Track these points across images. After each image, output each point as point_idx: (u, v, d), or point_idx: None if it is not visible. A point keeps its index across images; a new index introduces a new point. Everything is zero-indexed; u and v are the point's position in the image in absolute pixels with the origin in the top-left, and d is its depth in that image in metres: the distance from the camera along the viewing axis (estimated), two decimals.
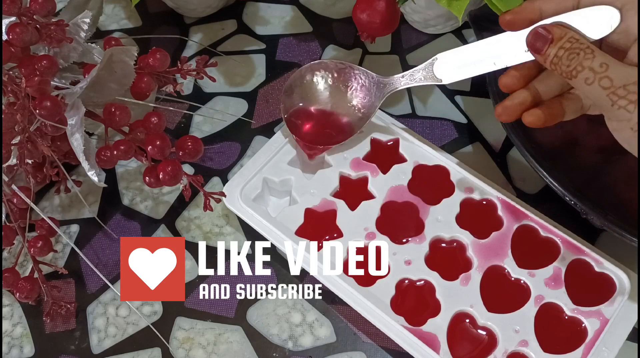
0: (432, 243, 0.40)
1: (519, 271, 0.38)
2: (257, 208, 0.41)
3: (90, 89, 0.40)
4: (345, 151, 0.43)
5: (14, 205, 0.40)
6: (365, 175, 0.42)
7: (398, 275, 0.38)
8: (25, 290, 0.39)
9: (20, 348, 0.40)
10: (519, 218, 0.40)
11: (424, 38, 0.54)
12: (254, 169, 0.42)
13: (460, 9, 0.40)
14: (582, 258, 0.38)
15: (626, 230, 0.36)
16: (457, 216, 0.40)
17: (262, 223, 0.40)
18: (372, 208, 0.41)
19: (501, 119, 0.34)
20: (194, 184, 0.39)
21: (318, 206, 0.41)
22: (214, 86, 0.51)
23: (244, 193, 0.41)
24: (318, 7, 0.57)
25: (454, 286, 0.38)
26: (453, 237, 0.40)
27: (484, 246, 0.39)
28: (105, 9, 0.57)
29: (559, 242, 0.39)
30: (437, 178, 0.42)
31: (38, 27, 0.39)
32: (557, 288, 0.37)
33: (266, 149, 0.43)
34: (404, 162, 0.43)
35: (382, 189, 0.41)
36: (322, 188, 0.42)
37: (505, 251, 0.39)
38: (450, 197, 0.41)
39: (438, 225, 0.40)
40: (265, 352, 0.39)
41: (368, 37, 0.44)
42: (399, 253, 0.39)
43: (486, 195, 0.41)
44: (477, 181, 0.41)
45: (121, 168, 0.47)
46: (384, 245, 0.39)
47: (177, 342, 0.39)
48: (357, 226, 0.40)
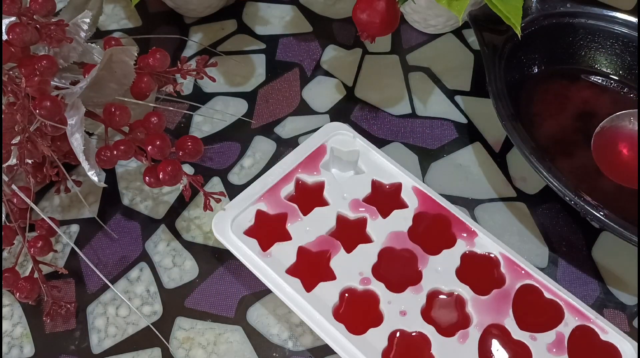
0: (430, 295, 0.37)
1: (520, 334, 0.36)
2: (248, 241, 0.39)
3: (90, 89, 0.40)
4: (344, 190, 0.42)
5: (14, 205, 0.40)
6: (364, 217, 0.40)
7: (392, 325, 0.36)
8: (25, 290, 0.39)
9: (20, 348, 0.40)
10: (521, 277, 0.38)
11: (424, 38, 0.54)
12: (248, 200, 0.40)
13: (460, 9, 0.40)
14: (586, 325, 0.36)
15: (626, 229, 0.36)
16: (458, 269, 0.38)
17: (251, 259, 0.38)
18: (369, 252, 0.39)
19: None
20: (194, 184, 0.39)
21: (312, 244, 0.39)
22: (214, 86, 0.51)
23: (236, 223, 0.39)
24: (318, 7, 0.57)
25: (451, 343, 0.36)
26: (452, 290, 0.38)
27: (484, 303, 0.37)
28: (105, 9, 0.57)
29: (563, 306, 0.37)
30: (438, 227, 0.40)
31: (38, 27, 0.39)
32: (559, 355, 0.35)
33: (263, 181, 0.42)
34: (405, 208, 0.41)
35: (381, 234, 0.40)
36: (318, 226, 0.40)
37: (507, 310, 0.37)
38: (451, 248, 0.39)
39: (437, 276, 0.38)
40: (265, 352, 0.39)
41: (368, 37, 0.44)
42: (394, 302, 0.37)
43: (488, 250, 0.39)
44: (481, 234, 0.39)
45: (121, 168, 0.47)
46: (379, 292, 0.37)
47: (177, 342, 0.39)
48: (352, 269, 0.38)
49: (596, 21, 0.47)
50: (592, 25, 0.48)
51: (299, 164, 0.42)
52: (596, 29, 0.48)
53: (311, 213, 0.41)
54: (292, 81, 0.52)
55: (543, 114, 0.46)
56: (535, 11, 0.47)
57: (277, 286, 0.37)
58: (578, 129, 0.45)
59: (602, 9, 0.48)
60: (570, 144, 0.44)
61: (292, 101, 0.51)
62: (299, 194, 0.42)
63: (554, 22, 0.48)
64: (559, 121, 0.46)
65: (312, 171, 0.42)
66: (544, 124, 0.45)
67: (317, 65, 0.53)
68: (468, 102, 0.50)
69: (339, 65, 0.53)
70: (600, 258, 0.42)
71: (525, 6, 0.43)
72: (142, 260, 0.43)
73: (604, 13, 0.47)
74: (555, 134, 0.45)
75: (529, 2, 0.47)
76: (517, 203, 0.44)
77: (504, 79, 0.44)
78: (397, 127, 0.49)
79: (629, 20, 0.47)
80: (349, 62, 0.53)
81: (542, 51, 0.48)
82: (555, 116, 0.46)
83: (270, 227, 0.40)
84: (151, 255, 0.43)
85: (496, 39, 0.46)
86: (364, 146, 0.43)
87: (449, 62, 0.53)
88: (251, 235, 0.39)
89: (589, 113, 0.46)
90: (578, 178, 0.42)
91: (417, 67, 0.52)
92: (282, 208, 0.41)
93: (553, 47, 0.48)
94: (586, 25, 0.48)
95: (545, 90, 0.47)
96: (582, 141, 0.44)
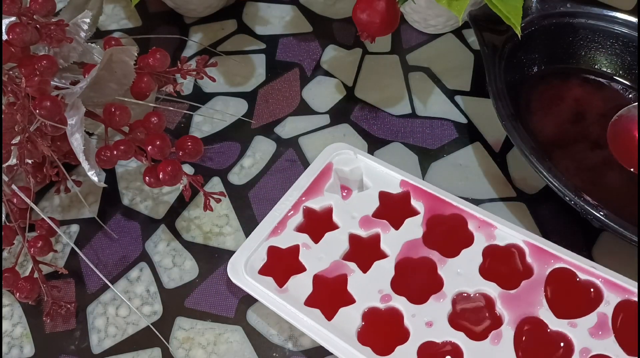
0: (455, 299, 0.36)
1: (558, 322, 0.34)
2: (263, 280, 0.38)
3: (90, 89, 0.40)
4: (353, 209, 0.41)
5: (14, 205, 0.40)
6: (377, 232, 0.39)
7: (419, 339, 0.34)
8: (25, 290, 0.39)
9: (20, 348, 0.40)
10: (550, 262, 0.36)
11: (424, 38, 0.54)
12: (259, 238, 0.39)
13: (460, 9, 0.40)
14: (630, 300, 0.34)
15: (626, 229, 0.36)
16: (481, 267, 0.37)
17: (269, 296, 0.37)
18: (385, 267, 0.38)
19: None
20: (194, 184, 0.39)
21: (327, 270, 0.38)
22: (214, 86, 0.51)
23: (249, 265, 0.38)
24: (318, 7, 0.57)
25: (484, 346, 0.34)
26: (477, 290, 0.36)
27: (514, 297, 0.35)
28: (105, 9, 0.57)
29: (600, 284, 0.35)
30: (453, 227, 0.39)
31: (38, 27, 0.39)
32: (604, 338, 0.33)
33: (271, 217, 0.41)
34: (416, 214, 0.40)
35: (396, 246, 0.38)
36: (331, 251, 0.39)
37: (539, 300, 0.35)
38: (470, 247, 0.37)
39: (459, 278, 0.36)
40: (265, 352, 0.39)
41: (368, 37, 0.44)
42: (418, 315, 0.35)
43: (511, 240, 0.37)
44: (500, 226, 0.38)
45: (121, 168, 0.47)
46: (402, 306, 0.36)
47: (177, 342, 0.39)
48: (370, 289, 0.37)
49: (596, 21, 0.47)
50: (592, 25, 0.48)
51: (304, 192, 0.41)
52: (596, 29, 0.48)
53: (322, 240, 0.39)
54: (292, 81, 0.52)
55: (543, 114, 0.46)
56: (535, 11, 0.47)
57: (298, 320, 0.36)
58: (578, 128, 0.45)
59: (602, 9, 0.48)
60: (570, 144, 0.44)
61: (292, 101, 0.51)
62: (308, 222, 0.41)
63: (554, 22, 0.48)
64: (559, 121, 0.46)
65: (318, 196, 0.41)
66: (544, 123, 0.45)
67: (317, 65, 0.53)
68: (468, 102, 0.50)
69: (339, 65, 0.53)
70: (600, 258, 0.42)
71: (525, 6, 0.43)
72: (142, 260, 0.43)
73: (604, 13, 0.47)
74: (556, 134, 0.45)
75: (529, 2, 0.47)
76: (517, 203, 0.44)
77: (504, 79, 0.44)
78: (397, 127, 0.49)
79: (629, 20, 0.47)
80: (349, 62, 0.53)
81: (542, 51, 0.48)
82: (555, 116, 0.46)
83: (284, 261, 0.39)
84: (151, 255, 0.43)
85: (496, 39, 0.46)
86: (366, 161, 0.42)
87: (449, 62, 0.53)
88: (266, 273, 0.38)
89: (589, 113, 0.46)
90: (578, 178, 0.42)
91: (417, 67, 0.52)
92: (293, 240, 0.40)
93: (553, 47, 0.48)
94: (586, 25, 0.48)
95: (545, 90, 0.47)
96: (582, 141, 0.44)
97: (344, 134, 0.48)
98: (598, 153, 0.44)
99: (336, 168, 0.42)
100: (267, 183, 0.46)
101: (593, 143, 0.44)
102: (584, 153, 0.44)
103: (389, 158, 0.47)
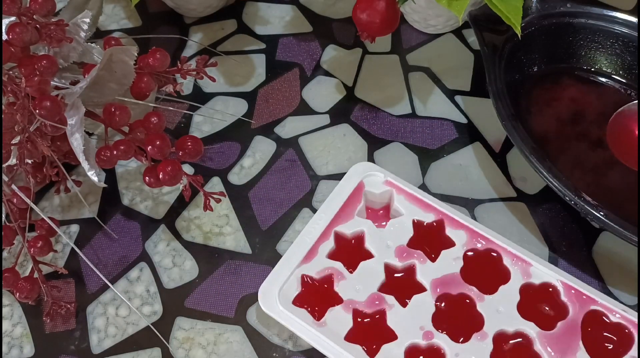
0: (496, 338, 0.35)
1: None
2: (299, 312, 0.36)
3: (90, 89, 0.40)
4: (387, 237, 0.39)
5: (14, 205, 0.40)
6: (413, 264, 0.38)
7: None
8: (25, 290, 0.39)
9: (20, 348, 0.40)
10: (585, 303, 0.36)
11: (424, 38, 0.54)
12: (291, 266, 0.38)
13: (460, 9, 0.40)
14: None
15: (626, 229, 0.36)
16: (519, 305, 0.36)
17: (307, 330, 0.36)
18: (425, 301, 0.37)
19: None
20: (194, 184, 0.39)
21: (365, 304, 0.37)
22: (214, 86, 0.51)
23: (283, 294, 0.37)
24: (318, 7, 0.57)
25: None
26: (518, 330, 0.35)
27: (552, 338, 0.35)
28: (105, 9, 0.57)
29: (631, 328, 0.35)
30: (490, 262, 0.38)
31: (38, 27, 0.39)
32: None
33: (301, 242, 0.39)
34: (452, 246, 0.39)
35: (433, 280, 0.38)
36: (367, 282, 0.38)
37: (577, 342, 0.35)
38: (507, 284, 0.37)
39: (499, 317, 0.36)
40: (265, 352, 0.39)
41: (368, 37, 0.44)
42: (461, 354, 0.35)
43: (546, 279, 0.37)
44: (535, 263, 0.38)
45: (121, 168, 0.47)
46: (444, 345, 0.35)
47: (177, 342, 0.39)
48: (411, 325, 0.36)
49: (596, 21, 0.47)
50: (592, 25, 0.48)
51: (334, 216, 0.40)
52: (596, 29, 0.48)
53: (358, 269, 0.38)
54: (292, 80, 0.52)
55: (543, 114, 0.46)
56: (535, 11, 0.47)
57: (339, 356, 0.35)
58: (578, 128, 0.45)
59: (602, 9, 0.48)
60: (570, 144, 0.44)
61: (292, 101, 0.51)
62: (340, 249, 0.40)
63: (554, 22, 0.48)
64: (559, 121, 0.46)
65: (348, 220, 0.40)
66: (544, 123, 0.45)
67: (317, 65, 0.53)
68: (468, 102, 0.50)
69: (339, 65, 0.53)
70: (600, 258, 0.42)
71: (525, 6, 0.43)
72: (142, 260, 0.43)
73: (604, 13, 0.47)
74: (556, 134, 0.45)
75: (529, 2, 0.47)
76: (517, 203, 0.44)
77: (504, 79, 0.44)
78: (397, 127, 0.49)
79: (629, 20, 0.47)
80: (349, 62, 0.53)
81: (542, 51, 0.48)
82: (555, 116, 0.46)
83: (319, 292, 0.38)
84: (151, 255, 0.43)
85: (496, 39, 0.46)
86: (397, 185, 0.41)
87: (449, 62, 0.53)
88: (300, 303, 0.37)
89: (589, 113, 0.46)
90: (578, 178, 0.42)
91: (417, 67, 0.52)
92: (326, 268, 0.38)
93: (553, 47, 0.48)
94: (586, 25, 0.48)
95: (545, 90, 0.47)
96: (582, 140, 0.44)
97: (344, 134, 0.48)
98: (598, 152, 0.44)
99: (366, 191, 0.41)
100: (267, 183, 0.46)
101: (593, 142, 0.44)
102: (584, 152, 0.44)
103: (388, 158, 0.47)
